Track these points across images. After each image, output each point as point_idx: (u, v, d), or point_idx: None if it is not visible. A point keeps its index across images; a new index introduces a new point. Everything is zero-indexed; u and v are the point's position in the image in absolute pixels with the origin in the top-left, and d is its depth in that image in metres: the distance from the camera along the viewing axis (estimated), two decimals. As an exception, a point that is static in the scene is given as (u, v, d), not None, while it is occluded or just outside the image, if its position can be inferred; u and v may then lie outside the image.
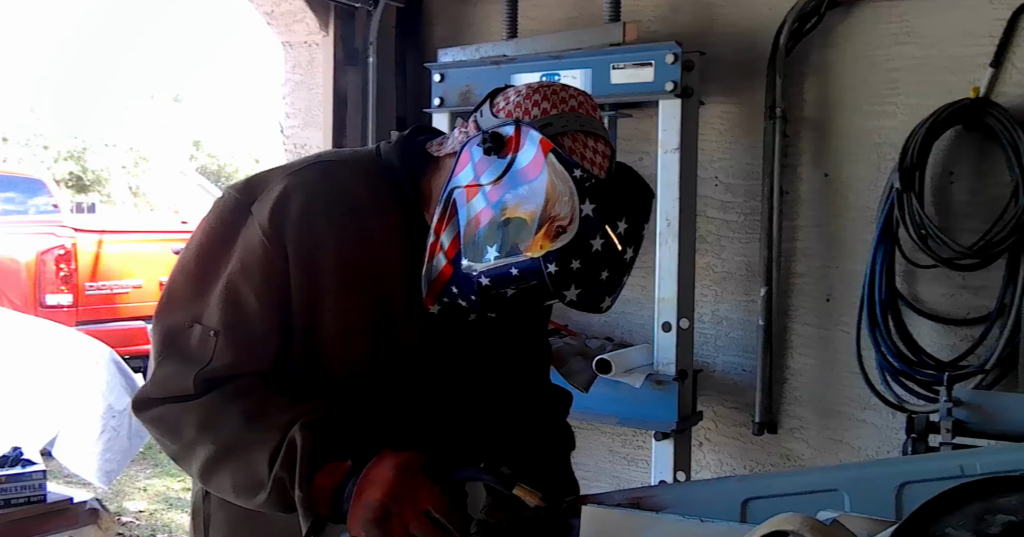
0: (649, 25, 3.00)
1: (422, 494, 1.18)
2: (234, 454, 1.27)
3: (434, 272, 1.31)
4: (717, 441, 3.00)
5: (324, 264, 1.32)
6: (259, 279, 1.31)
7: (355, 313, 1.35)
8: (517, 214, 1.22)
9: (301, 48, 3.49)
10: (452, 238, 1.29)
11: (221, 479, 1.29)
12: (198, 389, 1.30)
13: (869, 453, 2.74)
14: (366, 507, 1.18)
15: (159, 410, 1.33)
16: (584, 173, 1.20)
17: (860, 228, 2.73)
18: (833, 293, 2.80)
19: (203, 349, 1.31)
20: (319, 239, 1.32)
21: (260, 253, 1.31)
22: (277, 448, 1.23)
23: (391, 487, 1.18)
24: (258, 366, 1.34)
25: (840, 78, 2.76)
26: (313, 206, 1.32)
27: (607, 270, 1.23)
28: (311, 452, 1.22)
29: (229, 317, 1.31)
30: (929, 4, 2.61)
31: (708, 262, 2.96)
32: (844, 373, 2.77)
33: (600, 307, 1.27)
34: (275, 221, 1.30)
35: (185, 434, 1.31)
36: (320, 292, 1.33)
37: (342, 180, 1.38)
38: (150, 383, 1.34)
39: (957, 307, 2.62)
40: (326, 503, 1.22)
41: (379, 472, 1.20)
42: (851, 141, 2.75)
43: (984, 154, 2.55)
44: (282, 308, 1.33)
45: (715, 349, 2.99)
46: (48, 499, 3.06)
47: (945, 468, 1.13)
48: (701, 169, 2.81)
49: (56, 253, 7.13)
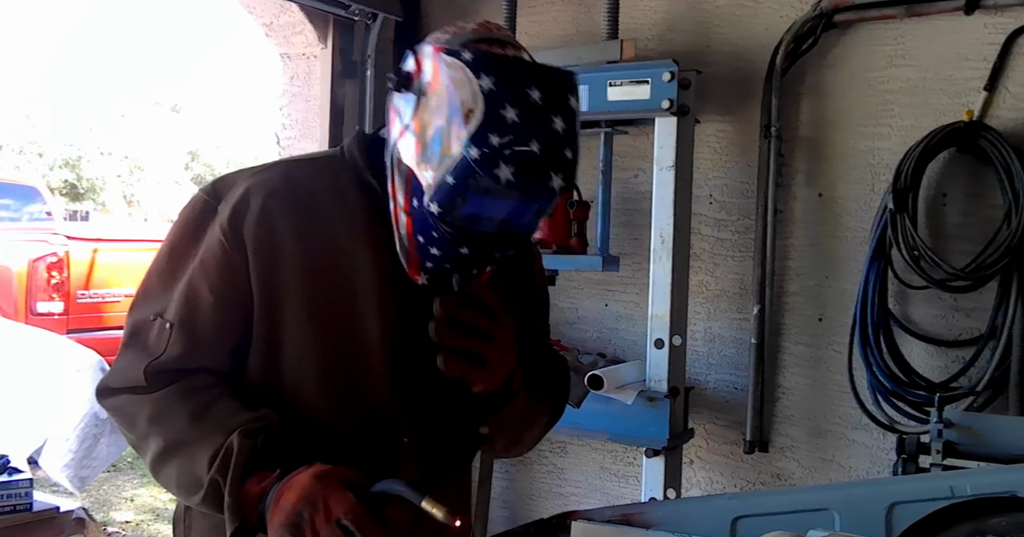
0: (646, 43, 3.02)
1: (335, 502, 1.18)
2: (179, 451, 1.30)
3: (403, 236, 1.29)
4: (708, 459, 2.99)
5: (284, 258, 1.34)
6: (215, 276, 1.34)
7: (319, 302, 1.35)
8: (435, 125, 1.19)
9: (299, 60, 3.50)
10: (404, 192, 1.27)
11: (167, 474, 1.32)
12: (149, 380, 1.33)
13: (860, 473, 2.74)
14: (281, 511, 1.19)
15: (117, 400, 1.38)
16: (476, 53, 1.18)
17: (853, 248, 2.74)
18: (826, 312, 2.80)
19: (159, 341, 1.35)
20: (278, 235, 1.34)
21: (219, 251, 1.34)
22: (217, 451, 1.25)
23: (305, 493, 1.19)
24: (209, 363, 1.36)
25: (835, 99, 2.78)
26: (272, 204, 1.35)
27: (536, 141, 1.16)
28: (245, 459, 1.24)
29: (184, 312, 1.35)
30: (924, 27, 2.63)
31: (701, 280, 2.97)
32: (835, 393, 2.78)
33: (550, 186, 1.18)
34: (235, 220, 1.33)
35: (139, 426, 1.35)
36: (281, 285, 1.34)
37: (302, 178, 1.40)
38: (110, 372, 1.40)
39: (949, 328, 2.63)
40: (254, 510, 1.23)
41: (298, 479, 1.21)
42: (845, 162, 2.76)
43: (977, 177, 2.57)
44: (240, 305, 1.34)
45: (707, 367, 2.99)
46: (34, 508, 3.03)
47: (935, 489, 1.13)
48: (696, 187, 2.82)
49: (48, 261, 7.11)
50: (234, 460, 1.23)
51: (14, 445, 3.43)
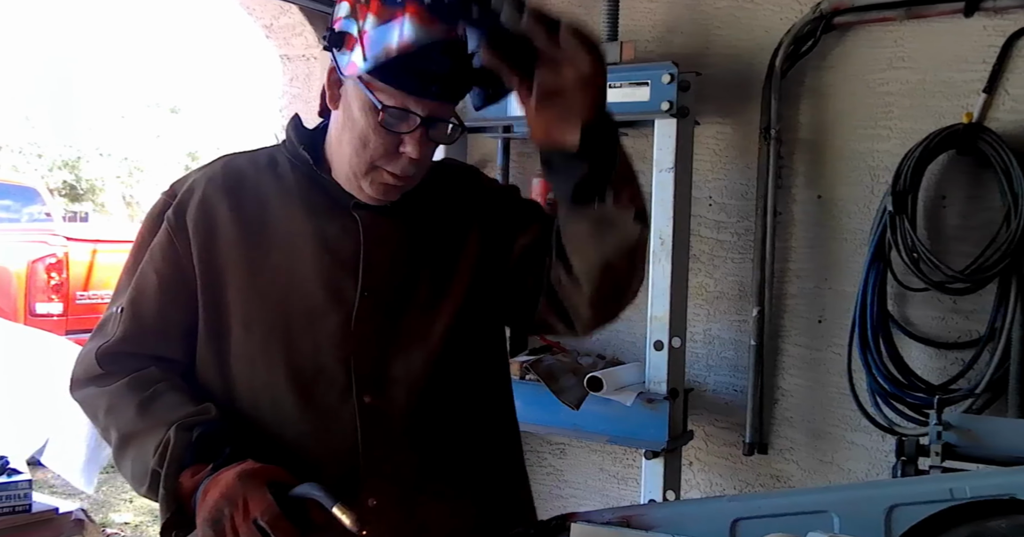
0: (646, 45, 3.02)
1: (253, 501, 1.21)
2: (131, 443, 1.36)
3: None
4: (707, 461, 2.99)
5: (222, 235, 1.41)
6: (160, 260, 1.43)
7: (258, 269, 1.40)
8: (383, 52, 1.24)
9: (299, 61, 3.50)
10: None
11: (124, 466, 1.38)
12: (101, 364, 1.42)
13: (859, 475, 2.74)
14: (205, 507, 1.23)
15: (83, 392, 1.46)
16: None
17: (852, 250, 2.74)
18: (825, 314, 2.81)
19: (112, 327, 1.44)
20: (216, 216, 1.42)
21: (164, 239, 1.43)
22: (159, 443, 1.30)
23: (227, 490, 1.22)
24: (157, 350, 1.44)
25: (835, 101, 2.78)
26: (210, 189, 1.44)
27: None
28: (180, 452, 1.28)
29: (133, 294, 1.44)
30: (924, 29, 2.63)
31: (701, 282, 2.97)
32: (835, 395, 2.78)
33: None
34: (179, 209, 1.43)
35: (100, 418, 1.42)
36: (221, 261, 1.41)
37: (239, 165, 1.49)
38: (75, 363, 1.47)
39: (948, 330, 2.63)
40: (189, 503, 1.27)
41: (224, 476, 1.24)
42: (845, 163, 2.77)
43: (977, 179, 2.57)
44: (184, 287, 1.41)
45: (706, 368, 2.99)
46: (33, 509, 3.03)
47: (935, 491, 1.12)
48: (695, 189, 2.82)
49: (47, 262, 7.10)
50: (169, 453, 1.28)
51: (14, 446, 3.43)
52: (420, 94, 1.29)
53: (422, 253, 1.45)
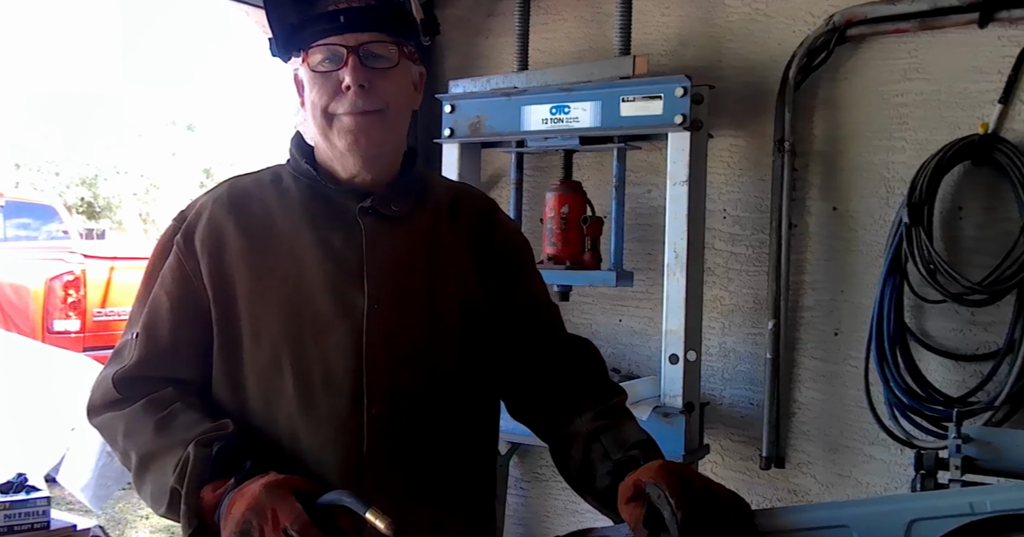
0: (659, 58, 3.02)
1: (282, 511, 1.20)
2: (150, 465, 1.36)
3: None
4: (724, 475, 2.97)
5: (230, 252, 1.44)
6: (171, 283, 1.45)
7: (267, 282, 1.42)
8: None
9: (313, 78, 3.52)
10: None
11: (144, 489, 1.38)
12: (117, 388, 1.43)
13: (877, 489, 2.71)
14: (231, 520, 1.22)
15: (101, 418, 1.46)
16: None
17: (868, 262, 2.73)
18: (841, 327, 2.79)
19: (129, 352, 1.46)
20: (224, 235, 1.45)
21: (175, 262, 1.46)
22: (177, 462, 1.31)
23: (254, 502, 1.21)
24: (172, 372, 1.44)
25: (849, 112, 2.77)
26: (217, 210, 1.47)
27: None
28: (200, 468, 1.29)
29: (147, 319, 1.46)
30: (938, 40, 2.62)
31: (716, 294, 2.96)
32: (852, 408, 2.76)
33: None
34: (188, 234, 1.46)
35: (119, 442, 1.42)
36: (230, 277, 1.43)
37: (244, 185, 1.53)
38: (92, 390, 1.48)
39: (966, 343, 2.61)
40: (211, 518, 1.27)
41: (249, 489, 1.24)
42: (860, 175, 2.76)
43: (993, 190, 2.55)
44: (196, 308, 1.44)
45: (722, 382, 2.97)
46: (52, 526, 3.05)
47: (955, 506, 1.11)
48: (709, 202, 2.82)
49: (65, 279, 7.17)
50: (189, 469, 1.29)
51: (32, 463, 3.45)
52: (337, 32, 1.39)
53: (426, 263, 1.48)
